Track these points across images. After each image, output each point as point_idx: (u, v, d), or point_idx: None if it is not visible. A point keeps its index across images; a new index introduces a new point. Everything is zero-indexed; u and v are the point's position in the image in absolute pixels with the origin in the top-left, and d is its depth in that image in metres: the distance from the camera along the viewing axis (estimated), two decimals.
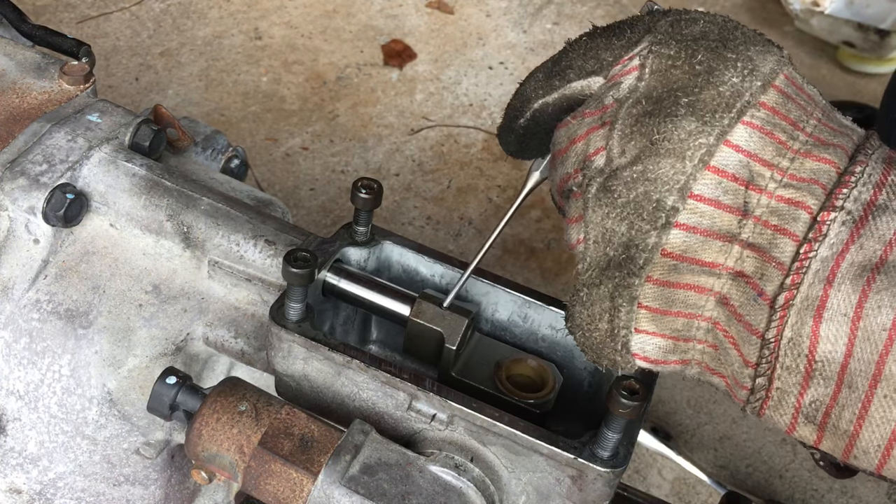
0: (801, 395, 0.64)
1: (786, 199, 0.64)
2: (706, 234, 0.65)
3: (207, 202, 0.94)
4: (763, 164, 0.65)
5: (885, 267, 0.61)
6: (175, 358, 0.91)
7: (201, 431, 0.79)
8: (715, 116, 0.65)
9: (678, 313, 0.67)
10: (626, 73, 0.69)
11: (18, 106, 0.99)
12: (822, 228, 0.63)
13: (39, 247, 0.92)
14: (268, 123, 2.08)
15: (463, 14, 2.41)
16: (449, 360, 0.84)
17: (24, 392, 0.90)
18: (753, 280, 0.64)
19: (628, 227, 0.66)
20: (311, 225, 1.88)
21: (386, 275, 0.92)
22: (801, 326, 0.62)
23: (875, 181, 0.64)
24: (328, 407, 0.83)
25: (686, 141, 0.64)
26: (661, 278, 0.66)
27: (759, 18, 2.49)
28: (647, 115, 0.66)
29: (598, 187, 0.67)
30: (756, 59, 0.67)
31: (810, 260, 0.62)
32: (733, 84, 0.66)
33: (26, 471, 0.92)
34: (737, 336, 0.65)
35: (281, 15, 2.34)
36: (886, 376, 0.60)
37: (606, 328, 0.69)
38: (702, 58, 0.67)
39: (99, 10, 2.29)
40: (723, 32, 0.69)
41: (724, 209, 0.64)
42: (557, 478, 0.77)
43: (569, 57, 0.74)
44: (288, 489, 0.76)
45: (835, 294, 0.61)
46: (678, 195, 0.64)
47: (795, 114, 0.66)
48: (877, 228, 0.62)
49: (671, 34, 0.69)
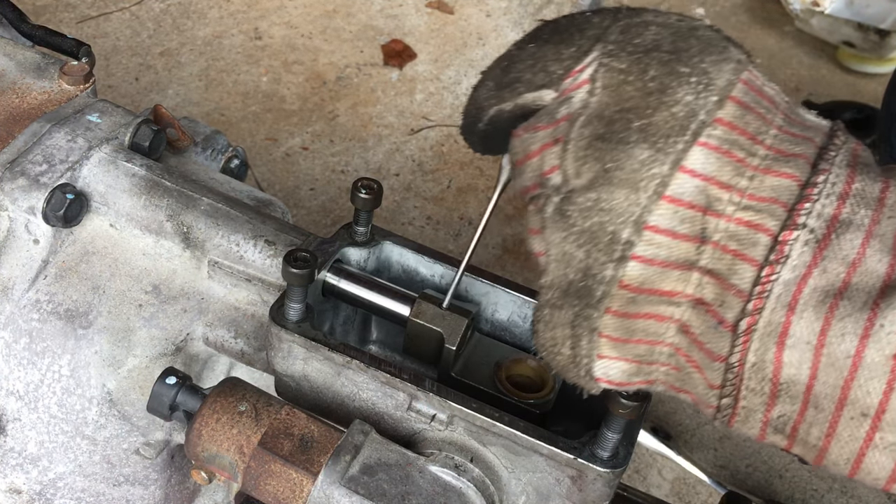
0: (768, 412, 0.63)
1: (745, 221, 0.62)
2: (664, 265, 0.63)
3: (207, 202, 0.94)
4: (721, 186, 0.62)
5: (848, 291, 0.60)
6: (175, 358, 0.91)
7: (201, 432, 0.79)
8: (668, 142, 0.62)
9: (639, 340, 0.66)
10: (576, 87, 0.66)
11: (18, 106, 0.99)
12: (784, 249, 0.61)
13: (39, 247, 0.92)
14: (268, 123, 2.08)
15: (463, 14, 2.41)
16: (449, 361, 0.84)
17: (24, 392, 0.90)
18: (713, 308, 0.63)
19: (586, 254, 0.64)
20: (311, 225, 1.88)
21: (386, 275, 0.92)
22: (765, 353, 0.61)
23: (839, 191, 0.62)
24: (328, 407, 0.83)
25: (639, 171, 0.62)
26: (621, 310, 0.64)
27: (759, 18, 2.49)
28: (600, 139, 0.63)
29: (554, 209, 0.65)
30: (711, 72, 0.63)
31: (772, 283, 0.61)
32: (687, 103, 0.62)
33: (26, 471, 0.92)
34: (699, 361, 0.65)
35: (281, 15, 2.34)
36: (852, 400, 0.59)
37: (569, 354, 0.68)
38: (654, 73, 0.63)
39: (99, 10, 2.29)
40: (676, 40, 0.65)
41: (682, 238, 0.62)
42: (557, 478, 0.77)
43: (517, 68, 0.70)
44: (288, 489, 0.76)
45: (797, 321, 0.60)
46: (633, 228, 0.62)
47: (754, 125, 0.63)
48: (840, 248, 0.60)
49: (622, 44, 0.65)
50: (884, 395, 0.58)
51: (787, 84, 2.32)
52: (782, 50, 2.41)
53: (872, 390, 0.58)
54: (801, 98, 2.26)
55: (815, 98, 2.25)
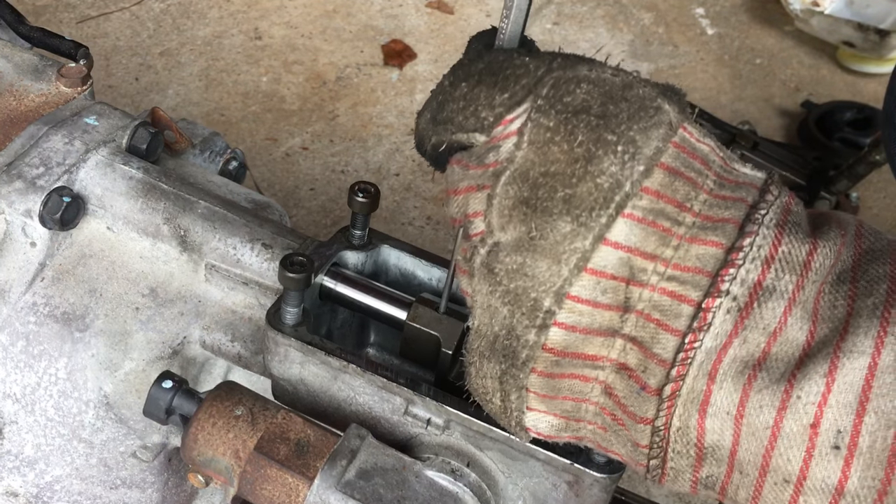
0: (696, 472, 0.64)
1: (669, 291, 0.61)
2: (586, 332, 0.63)
3: (204, 205, 0.93)
4: (645, 257, 0.61)
5: (766, 362, 0.60)
6: (171, 361, 0.90)
7: (197, 436, 0.79)
8: (591, 216, 0.61)
9: (566, 398, 0.66)
10: (505, 137, 0.65)
11: (16, 108, 0.99)
12: (707, 317, 0.60)
13: (36, 250, 0.91)
14: (268, 123, 2.08)
15: (463, 14, 2.41)
16: (445, 365, 0.83)
17: (21, 395, 0.90)
18: (636, 373, 0.63)
19: (510, 313, 0.64)
20: (311, 225, 1.88)
21: (383, 278, 0.92)
22: (688, 418, 0.61)
23: (764, 255, 0.61)
24: (324, 411, 0.83)
25: (561, 244, 0.61)
26: (545, 370, 0.64)
27: (759, 18, 2.49)
28: (525, 203, 0.63)
29: (482, 261, 0.65)
30: (639, 140, 0.62)
31: (695, 350, 0.60)
32: (612, 174, 0.61)
33: (23, 474, 0.92)
34: (625, 421, 0.65)
35: (281, 15, 2.34)
36: (774, 468, 0.60)
37: (500, 405, 0.68)
38: (581, 138, 0.62)
39: (99, 10, 2.29)
40: (606, 102, 0.63)
41: (604, 308, 0.62)
42: (554, 483, 0.77)
43: (450, 108, 0.69)
44: (284, 494, 0.76)
45: (717, 391, 0.60)
46: (554, 298, 0.62)
47: (682, 192, 0.62)
48: (761, 317, 0.60)
49: (551, 102, 0.64)
50: (804, 462, 0.59)
51: (787, 84, 2.32)
52: (782, 50, 2.41)
53: (792, 458, 0.59)
54: (802, 98, 2.26)
55: (815, 98, 2.25)
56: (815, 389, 0.58)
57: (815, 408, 0.58)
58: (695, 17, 2.48)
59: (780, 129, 2.21)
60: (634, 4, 2.49)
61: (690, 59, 2.36)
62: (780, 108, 2.26)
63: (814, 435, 0.58)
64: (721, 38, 2.43)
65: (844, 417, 0.58)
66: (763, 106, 2.26)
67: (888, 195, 2.10)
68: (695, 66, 2.34)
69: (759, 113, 2.23)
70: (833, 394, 0.58)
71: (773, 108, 2.26)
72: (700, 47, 2.40)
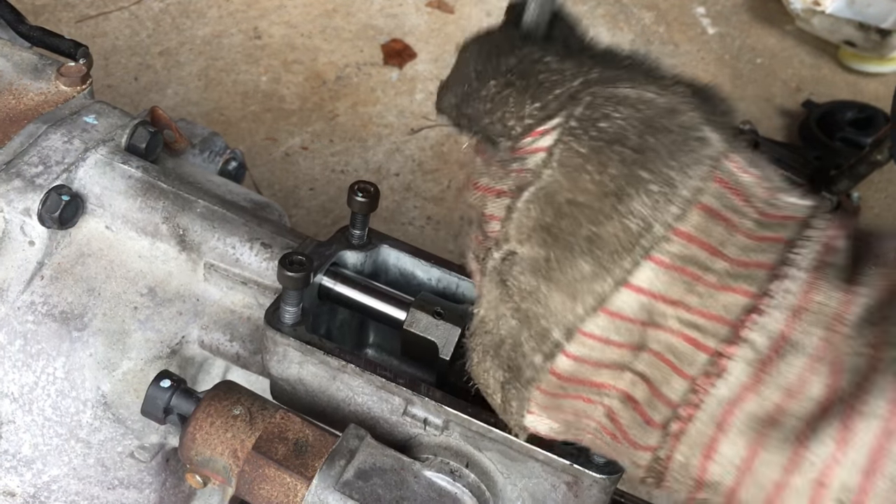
0: (693, 496, 0.63)
1: (688, 337, 0.58)
2: (596, 365, 0.60)
3: (203, 205, 0.93)
4: (667, 303, 0.58)
5: (780, 418, 0.57)
6: (170, 361, 0.90)
7: (195, 435, 0.78)
8: (614, 259, 0.57)
9: (568, 413, 0.65)
10: (533, 151, 0.61)
11: (15, 107, 0.99)
12: (724, 364, 0.57)
13: (35, 248, 0.91)
14: (267, 123, 2.07)
15: (463, 13, 2.41)
16: (443, 370, 0.83)
17: (19, 394, 0.90)
18: (642, 407, 0.61)
19: (518, 328, 0.62)
20: (311, 225, 1.88)
21: (383, 278, 0.92)
22: (691, 457, 0.60)
23: (792, 303, 0.57)
24: (323, 411, 0.83)
25: (580, 282, 0.58)
26: (549, 390, 0.63)
27: (760, 17, 2.49)
28: (546, 231, 0.59)
29: (494, 265, 0.62)
30: (677, 179, 0.57)
31: (707, 395, 0.58)
32: (643, 216, 0.57)
33: (20, 473, 0.92)
34: (626, 445, 0.64)
35: (280, 14, 2.34)
36: None
37: (500, 403, 0.67)
38: (615, 172, 0.58)
39: (98, 9, 2.29)
40: (644, 133, 0.58)
41: (616, 346, 0.59)
42: (553, 484, 0.77)
43: (475, 107, 0.65)
44: (282, 494, 0.76)
45: (725, 442, 0.58)
46: (566, 332, 0.59)
47: (717, 235, 0.58)
48: (780, 374, 0.57)
49: (585, 127, 0.59)
50: None
51: (788, 84, 2.31)
52: (783, 49, 2.41)
53: None
54: (803, 98, 2.25)
55: (817, 98, 2.25)
56: (826, 451, 0.56)
57: (825, 468, 0.56)
58: (695, 16, 2.48)
59: (781, 128, 2.21)
60: (635, 4, 2.48)
61: (691, 59, 2.36)
62: (781, 108, 2.26)
63: (821, 490, 0.57)
64: (722, 37, 2.43)
65: (853, 478, 0.56)
66: (764, 105, 2.26)
67: (889, 195, 2.09)
68: (695, 65, 2.34)
69: (759, 112, 2.23)
70: (845, 455, 0.56)
71: (774, 108, 2.26)
72: (701, 47, 2.40)
